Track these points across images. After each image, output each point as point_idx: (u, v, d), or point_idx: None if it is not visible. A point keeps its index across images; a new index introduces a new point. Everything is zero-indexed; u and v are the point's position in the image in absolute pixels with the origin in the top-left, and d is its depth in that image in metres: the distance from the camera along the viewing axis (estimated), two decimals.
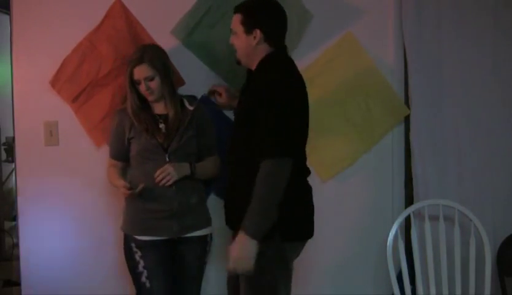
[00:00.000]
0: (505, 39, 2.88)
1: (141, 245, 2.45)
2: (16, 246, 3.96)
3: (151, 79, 2.42)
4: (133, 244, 2.46)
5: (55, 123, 2.75)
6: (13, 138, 2.82)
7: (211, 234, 2.58)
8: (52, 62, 2.70)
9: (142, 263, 2.44)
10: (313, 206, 2.30)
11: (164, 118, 2.48)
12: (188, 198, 2.47)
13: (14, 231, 4.40)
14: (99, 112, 2.67)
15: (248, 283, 2.18)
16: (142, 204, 2.44)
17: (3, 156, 4.97)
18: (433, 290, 2.70)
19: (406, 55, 2.84)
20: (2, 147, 4.94)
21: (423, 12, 2.83)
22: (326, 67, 2.80)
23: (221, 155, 2.71)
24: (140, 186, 2.38)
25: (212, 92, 2.73)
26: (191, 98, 2.58)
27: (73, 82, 2.71)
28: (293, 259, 2.29)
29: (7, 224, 4.94)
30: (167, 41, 2.72)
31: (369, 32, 2.83)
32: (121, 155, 2.54)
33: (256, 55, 2.26)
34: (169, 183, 2.40)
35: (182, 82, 2.75)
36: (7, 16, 2.82)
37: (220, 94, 2.70)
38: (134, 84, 2.44)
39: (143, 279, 2.43)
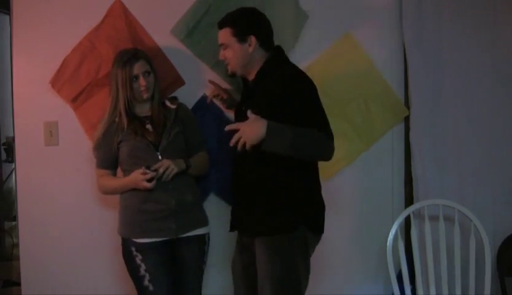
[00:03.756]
0: (505, 38, 2.87)
1: (141, 248, 2.43)
2: (16, 246, 3.97)
3: (149, 73, 2.46)
4: (133, 248, 2.44)
5: (55, 123, 2.75)
6: (13, 138, 2.83)
7: (209, 234, 2.58)
8: (52, 62, 2.70)
9: (143, 266, 2.42)
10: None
11: (150, 119, 2.50)
12: (185, 195, 2.47)
13: (14, 231, 4.41)
14: (98, 112, 2.66)
15: (276, 281, 2.21)
16: (139, 205, 2.43)
17: (4, 156, 4.98)
18: (432, 290, 2.70)
19: (406, 55, 2.84)
20: (2, 147, 4.95)
21: (423, 12, 2.82)
22: (325, 68, 2.79)
23: (221, 154, 2.72)
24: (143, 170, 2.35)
25: (215, 96, 2.74)
26: (172, 98, 2.61)
27: (73, 81, 2.71)
28: (311, 254, 2.32)
29: (7, 224, 4.95)
30: (167, 41, 2.73)
31: (369, 33, 2.83)
32: (110, 163, 2.52)
33: (255, 62, 2.30)
34: (170, 177, 2.39)
35: (181, 82, 2.76)
36: (7, 16, 2.82)
37: (220, 96, 2.70)
38: (131, 82, 2.44)
39: (146, 282, 2.41)
